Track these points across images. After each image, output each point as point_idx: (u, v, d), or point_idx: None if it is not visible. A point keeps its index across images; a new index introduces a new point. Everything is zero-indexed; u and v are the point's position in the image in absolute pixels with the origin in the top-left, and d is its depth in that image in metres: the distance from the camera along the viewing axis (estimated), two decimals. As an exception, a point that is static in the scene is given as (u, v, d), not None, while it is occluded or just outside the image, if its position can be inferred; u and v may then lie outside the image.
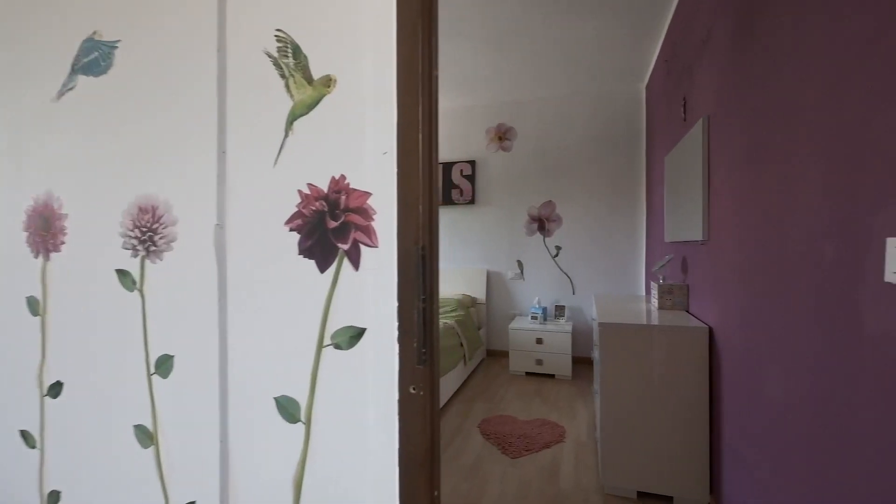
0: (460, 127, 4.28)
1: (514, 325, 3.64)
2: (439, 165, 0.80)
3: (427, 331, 0.66)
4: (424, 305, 0.65)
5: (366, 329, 0.70)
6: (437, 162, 0.72)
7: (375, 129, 0.68)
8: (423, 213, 0.66)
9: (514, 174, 4.10)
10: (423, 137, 0.67)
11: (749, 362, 1.39)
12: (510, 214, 4.11)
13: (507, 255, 4.12)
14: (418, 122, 0.65)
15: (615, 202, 3.80)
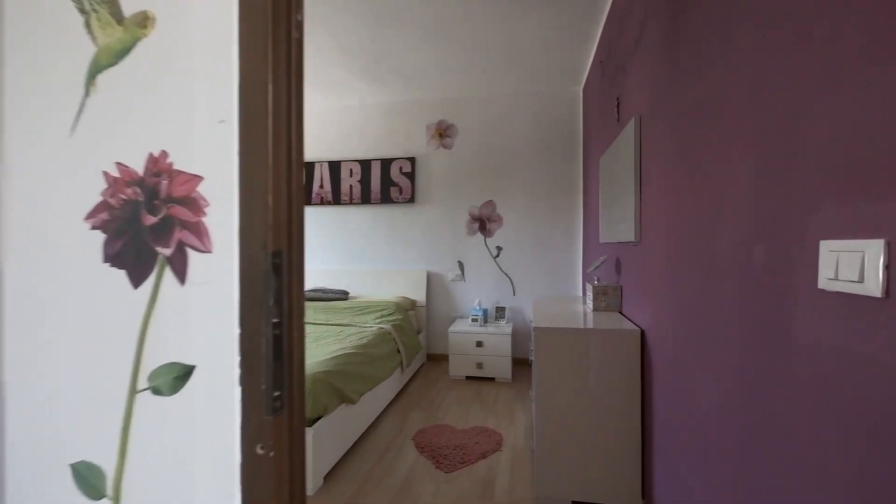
0: (400, 122, 4.08)
1: (454, 329, 3.51)
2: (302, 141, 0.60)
3: (282, 367, 0.47)
4: (279, 333, 0.47)
5: (195, 367, 0.51)
6: (300, 136, 0.53)
7: (209, 89, 0.49)
8: (278, 205, 0.48)
9: (456, 173, 3.98)
10: (278, 101, 0.48)
11: (679, 366, 1.34)
12: (451, 214, 3.99)
13: (448, 255, 4.00)
14: (267, 79, 0.47)
15: (554, 203, 3.80)
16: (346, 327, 3.19)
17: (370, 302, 3.66)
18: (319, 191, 4.21)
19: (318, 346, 2.65)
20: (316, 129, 4.27)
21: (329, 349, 2.53)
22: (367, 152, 4.15)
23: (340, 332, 3.04)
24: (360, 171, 4.12)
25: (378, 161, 4.08)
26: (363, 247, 4.18)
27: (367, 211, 4.17)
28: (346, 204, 4.17)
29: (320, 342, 2.75)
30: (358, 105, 4.17)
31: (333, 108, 4.23)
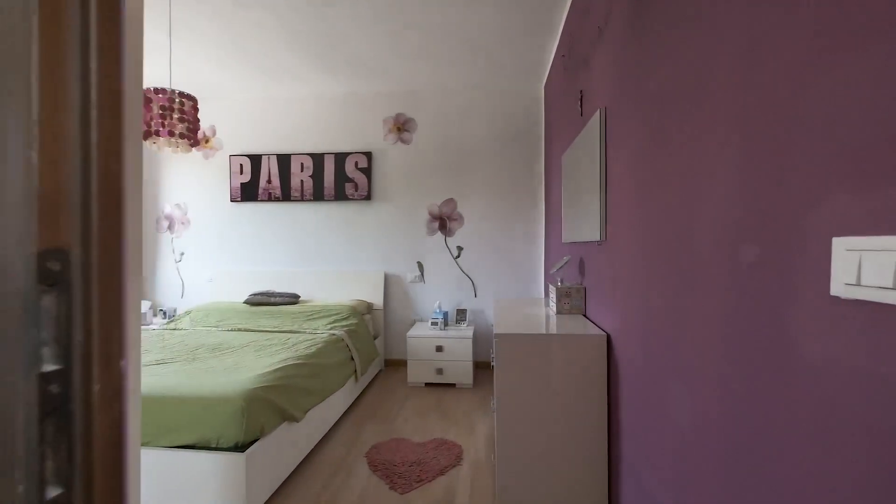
0: (356, 115, 3.85)
1: (413, 333, 3.33)
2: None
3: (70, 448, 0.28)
4: (60, 389, 0.28)
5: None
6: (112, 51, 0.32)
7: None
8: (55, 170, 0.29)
9: (414, 169, 3.80)
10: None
11: (650, 376, 1.24)
12: (410, 212, 3.80)
13: (407, 256, 3.81)
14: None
15: (517, 202, 3.70)
16: (295, 334, 2.93)
17: (323, 306, 3.41)
18: (267, 186, 3.90)
19: (259, 356, 2.39)
20: (265, 119, 3.95)
21: (271, 360, 2.28)
22: (320, 146, 3.89)
23: (287, 339, 2.78)
24: (312, 166, 3.85)
25: (332, 155, 3.83)
26: (315, 247, 3.91)
27: (320, 208, 3.90)
28: (297, 200, 3.89)
29: (263, 352, 2.49)
30: (311, 95, 3.90)
31: (284, 98, 3.93)
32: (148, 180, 4.11)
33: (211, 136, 4.02)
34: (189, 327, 3.15)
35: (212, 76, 3.57)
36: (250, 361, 2.30)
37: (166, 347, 2.59)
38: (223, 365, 2.24)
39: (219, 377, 2.00)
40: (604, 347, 1.62)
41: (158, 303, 4.10)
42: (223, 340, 2.76)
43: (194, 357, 2.40)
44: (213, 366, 2.23)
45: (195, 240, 4.06)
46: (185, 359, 2.39)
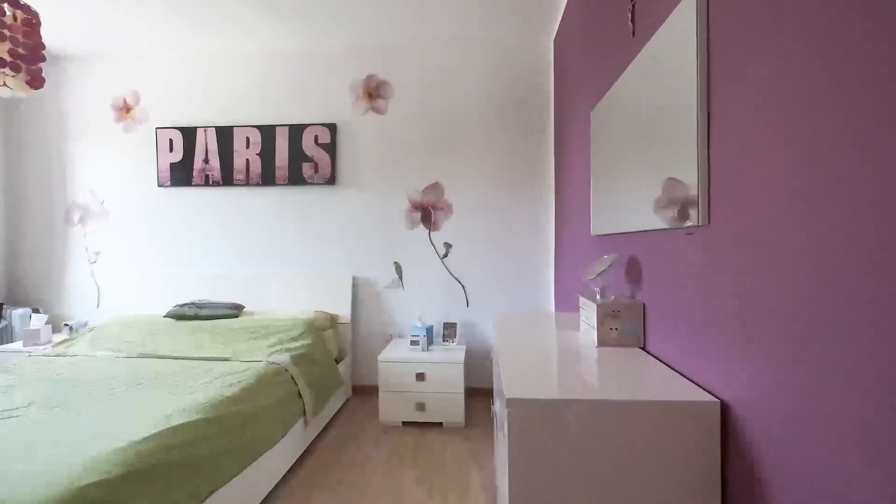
0: (316, 77, 3.05)
1: (387, 356, 2.55)
2: None
3: None
4: None
5: None
6: None
7: None
8: None
9: (391, 145, 3.02)
10: None
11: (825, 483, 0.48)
12: (385, 200, 3.02)
13: (381, 255, 3.03)
14: None
15: (519, 186, 2.95)
16: (222, 363, 2.12)
17: (270, 321, 2.61)
18: (203, 167, 3.08)
19: (154, 401, 1.59)
20: (200, 82, 3.12)
21: (166, 410, 1.49)
22: (271, 116, 3.08)
23: (207, 371, 1.98)
24: (260, 141, 3.04)
25: (285, 128, 3.02)
26: (265, 243, 3.10)
27: (271, 195, 3.09)
28: (242, 184, 3.07)
29: (163, 393, 1.69)
30: (258, 52, 3.08)
31: (224, 55, 3.10)
32: (53, 158, 3.25)
33: (133, 105, 3.17)
34: (84, 351, 2.33)
35: (125, 24, 2.74)
36: (134, 412, 1.50)
37: (32, 384, 1.77)
38: (89, 419, 1.45)
39: (48, 453, 1.20)
40: (715, 429, 0.87)
41: (66, 315, 3.25)
42: (118, 373, 1.95)
43: (61, 401, 1.61)
44: (75, 419, 1.44)
45: (114, 235, 3.21)
46: (45, 404, 1.59)
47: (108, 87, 3.19)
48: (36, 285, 3.28)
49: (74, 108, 3.22)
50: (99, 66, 3.20)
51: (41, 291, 3.28)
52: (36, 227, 3.27)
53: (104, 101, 3.19)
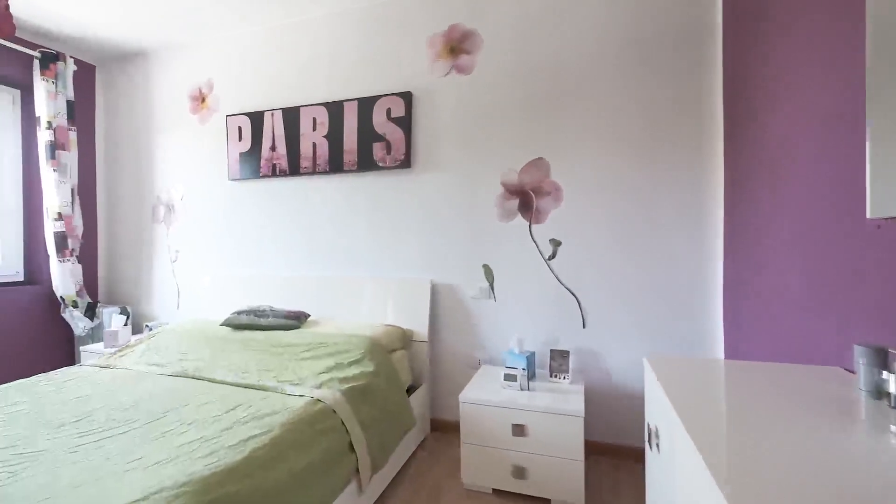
0: (388, 37, 2.50)
1: (471, 395, 1.86)
2: None
3: None
4: None
5: None
6: None
7: None
8: None
9: (479, 113, 2.33)
10: None
11: None
12: (472, 184, 2.34)
13: (467, 255, 2.35)
14: None
15: (659, 158, 2.04)
16: (257, 393, 1.64)
17: (329, 336, 2.10)
18: (270, 155, 2.73)
19: (136, 463, 1.12)
20: (267, 61, 2.78)
21: (148, 482, 1.00)
22: (338, 90, 2.60)
23: (237, 406, 1.50)
24: (327, 121, 2.58)
25: (353, 102, 2.52)
26: (332, 242, 2.64)
27: (338, 183, 2.62)
28: (308, 174, 2.65)
29: (165, 444, 1.23)
30: (326, 16, 2.63)
31: (290, 27, 2.72)
32: (141, 154, 3.20)
33: (207, 94, 2.97)
34: (131, 363, 2.06)
35: (195, 7, 2.48)
36: (121, 471, 1.05)
37: (37, 411, 1.48)
38: (73, 476, 1.03)
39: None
40: None
41: (153, 315, 3.18)
42: (145, 398, 1.59)
43: (50, 441, 1.26)
44: (51, 468, 1.04)
45: (191, 233, 3.05)
46: (29, 443, 1.23)
47: (186, 77, 3.03)
48: (128, 284, 3.28)
49: (159, 102, 3.13)
50: (178, 57, 3.06)
51: (132, 290, 3.26)
52: (128, 225, 3.27)
53: (183, 93, 3.04)
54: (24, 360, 2.79)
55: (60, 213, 2.86)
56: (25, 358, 2.81)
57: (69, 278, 2.91)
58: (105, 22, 2.73)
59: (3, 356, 2.70)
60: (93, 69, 3.26)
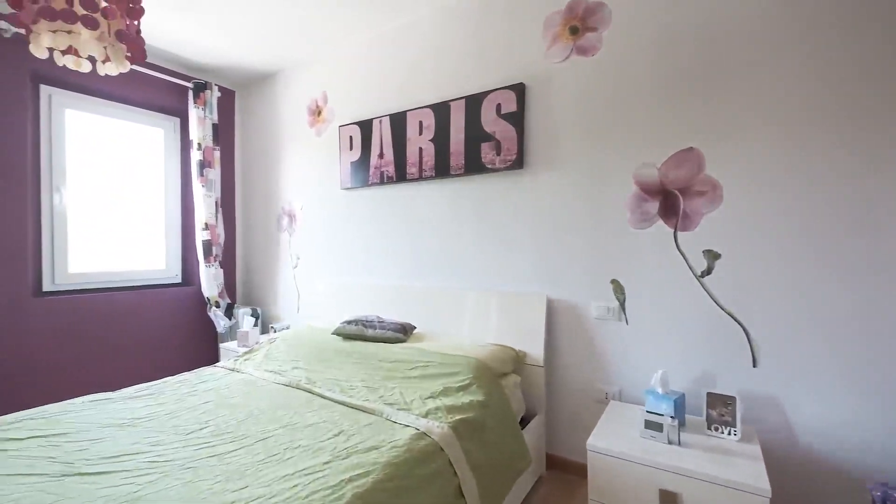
0: (496, 25, 2.26)
1: (601, 443, 1.52)
2: None
3: None
4: None
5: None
6: None
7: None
8: None
9: (606, 99, 1.96)
10: None
11: None
12: (597, 184, 1.98)
13: (591, 268, 2.00)
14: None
15: (871, 145, 1.44)
16: (363, 417, 1.54)
17: (435, 355, 1.94)
18: (379, 163, 2.70)
19: (253, 481, 1.07)
20: (373, 67, 2.77)
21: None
22: (445, 90, 2.45)
23: (341, 433, 1.41)
24: (433, 124, 2.45)
25: (461, 101, 2.34)
26: (438, 251, 2.50)
27: (445, 189, 2.47)
28: (414, 179, 2.55)
29: (256, 473, 1.18)
30: (431, 14, 2.50)
31: (396, 30, 2.66)
32: (269, 167, 3.48)
33: (322, 106, 3.08)
34: (254, 368, 2.16)
35: (310, 23, 2.56)
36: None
37: (162, 418, 1.58)
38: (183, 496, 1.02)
39: None
40: None
41: (278, 317, 3.43)
42: (260, 411, 1.61)
43: (173, 454, 1.30)
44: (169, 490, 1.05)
45: (308, 241, 3.21)
46: (150, 450, 1.29)
47: (305, 92, 3.19)
48: (258, 288, 3.59)
49: (283, 118, 3.36)
50: (298, 75, 3.24)
51: (262, 293, 3.57)
52: (259, 233, 3.58)
53: (302, 108, 3.21)
54: (182, 350, 3.22)
55: (207, 224, 3.22)
56: (183, 348, 3.23)
57: (213, 281, 3.27)
58: (241, 51, 3.00)
59: (167, 345, 3.14)
60: (233, 94, 3.65)
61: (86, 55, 1.11)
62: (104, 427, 1.48)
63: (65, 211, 2.70)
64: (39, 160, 2.59)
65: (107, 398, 1.74)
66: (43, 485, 1.13)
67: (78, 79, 2.66)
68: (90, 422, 1.52)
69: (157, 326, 3.10)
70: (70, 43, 1.03)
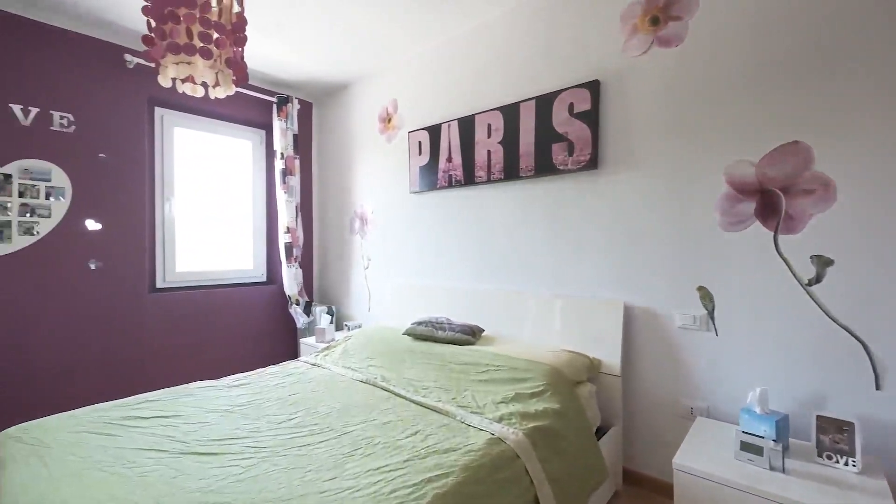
0: (568, 22, 2.20)
1: (691, 461, 1.42)
2: None
3: None
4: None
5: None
6: None
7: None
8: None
9: (692, 91, 1.82)
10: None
11: None
12: (681, 183, 1.86)
13: (674, 273, 1.88)
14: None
15: None
16: (435, 417, 1.58)
17: (507, 359, 1.93)
18: (447, 166, 2.74)
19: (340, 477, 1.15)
20: (442, 73, 2.81)
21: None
22: (514, 90, 2.43)
23: (416, 434, 1.46)
24: (502, 126, 2.44)
25: (530, 102, 2.31)
26: (507, 253, 2.48)
27: (514, 192, 2.44)
28: (482, 182, 2.56)
29: (343, 465, 1.25)
30: (501, 16, 2.49)
31: (465, 34, 2.68)
32: (343, 173, 3.67)
33: (392, 114, 3.19)
34: (333, 363, 2.30)
35: (381, 33, 2.67)
36: (318, 496, 1.09)
37: (259, 405, 1.73)
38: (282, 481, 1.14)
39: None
40: None
41: (351, 315, 3.61)
42: (337, 406, 1.71)
43: (271, 440, 1.43)
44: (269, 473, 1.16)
45: (379, 244, 3.34)
46: (258, 444, 1.42)
47: (377, 101, 3.33)
48: (333, 287, 3.81)
49: (355, 127, 3.54)
50: (370, 84, 3.39)
51: (336, 293, 3.78)
52: (333, 236, 3.80)
53: (374, 116, 3.35)
54: (266, 343, 3.51)
55: (288, 227, 3.48)
56: (267, 341, 3.52)
57: (293, 280, 3.52)
58: (318, 66, 3.20)
59: (254, 338, 3.44)
60: (310, 105, 3.90)
61: (200, 81, 1.27)
62: (210, 412, 1.66)
63: (173, 218, 3.06)
64: (154, 173, 2.96)
65: (211, 386, 1.95)
66: (166, 460, 1.30)
67: (184, 100, 3.00)
68: (199, 406, 1.71)
69: (246, 321, 3.40)
70: (190, 72, 1.18)
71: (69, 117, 2.54)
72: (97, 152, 2.65)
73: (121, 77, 2.73)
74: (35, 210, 2.44)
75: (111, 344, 2.71)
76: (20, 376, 2.40)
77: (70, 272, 2.56)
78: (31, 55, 2.42)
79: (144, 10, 1.16)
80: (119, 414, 1.60)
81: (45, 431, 1.44)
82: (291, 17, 2.51)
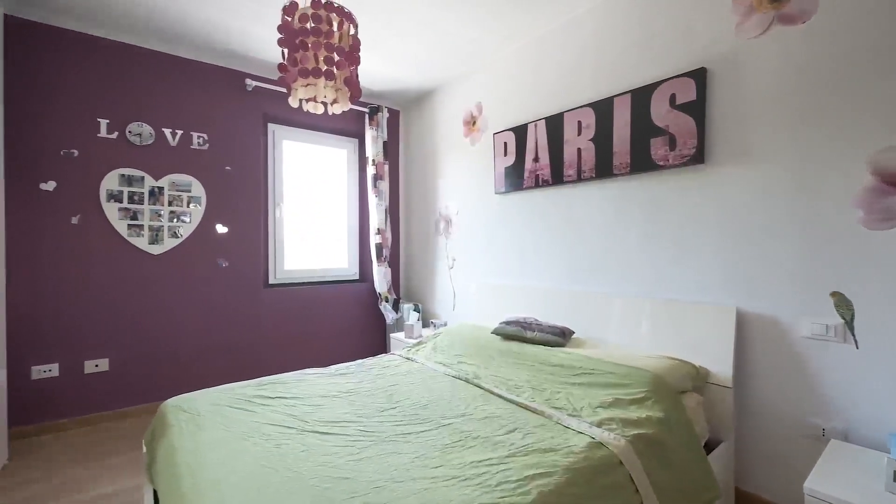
0: (666, 9, 2.07)
1: (826, 490, 1.27)
2: None
3: None
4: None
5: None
6: None
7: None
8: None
9: (822, 74, 1.62)
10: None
11: None
12: (809, 177, 1.66)
13: (800, 277, 1.68)
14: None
15: None
16: (531, 418, 1.59)
17: (602, 363, 1.88)
18: (534, 166, 2.73)
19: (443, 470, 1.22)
20: (528, 73, 2.80)
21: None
22: (607, 85, 2.34)
23: (513, 432, 1.49)
24: (593, 123, 2.37)
25: (625, 96, 2.21)
26: (599, 254, 2.40)
27: (607, 191, 2.36)
28: (572, 182, 2.51)
29: (447, 455, 1.31)
30: (590, 10, 2.42)
31: (552, 32, 2.64)
32: (428, 176, 3.82)
33: (477, 116, 3.25)
34: (424, 359, 2.42)
35: (466, 36, 2.74)
36: (429, 483, 1.18)
37: (374, 391, 1.88)
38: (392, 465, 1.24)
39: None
40: None
41: (435, 313, 3.75)
42: (434, 398, 1.80)
43: (379, 426, 1.55)
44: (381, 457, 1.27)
45: (464, 244, 3.42)
46: (369, 428, 1.55)
47: (461, 105, 3.41)
48: (419, 286, 3.98)
49: (440, 131, 3.66)
50: (454, 89, 3.48)
51: (422, 291, 3.94)
52: (419, 237, 3.96)
53: (458, 119, 3.44)
54: (359, 337, 3.78)
55: (379, 229, 3.71)
56: (359, 335, 3.79)
57: (383, 279, 3.74)
58: (406, 75, 3.37)
59: (348, 332, 3.72)
60: (398, 113, 4.11)
61: (321, 100, 1.43)
62: (322, 396, 1.84)
63: (282, 221, 3.42)
64: (267, 182, 3.34)
65: (319, 373, 2.16)
66: (292, 435, 1.47)
67: (291, 115, 3.34)
68: (312, 391, 1.90)
69: (342, 315, 3.69)
70: (314, 93, 1.34)
71: (204, 136, 2.97)
72: (224, 165, 3.07)
73: (242, 99, 3.13)
74: (179, 216, 2.89)
75: (234, 333, 3.12)
76: (167, 358, 2.87)
77: (204, 270, 3.00)
78: (181, 86, 2.87)
79: (280, 42, 1.34)
80: (250, 392, 1.84)
81: (196, 403, 1.71)
82: (390, 32, 2.68)
